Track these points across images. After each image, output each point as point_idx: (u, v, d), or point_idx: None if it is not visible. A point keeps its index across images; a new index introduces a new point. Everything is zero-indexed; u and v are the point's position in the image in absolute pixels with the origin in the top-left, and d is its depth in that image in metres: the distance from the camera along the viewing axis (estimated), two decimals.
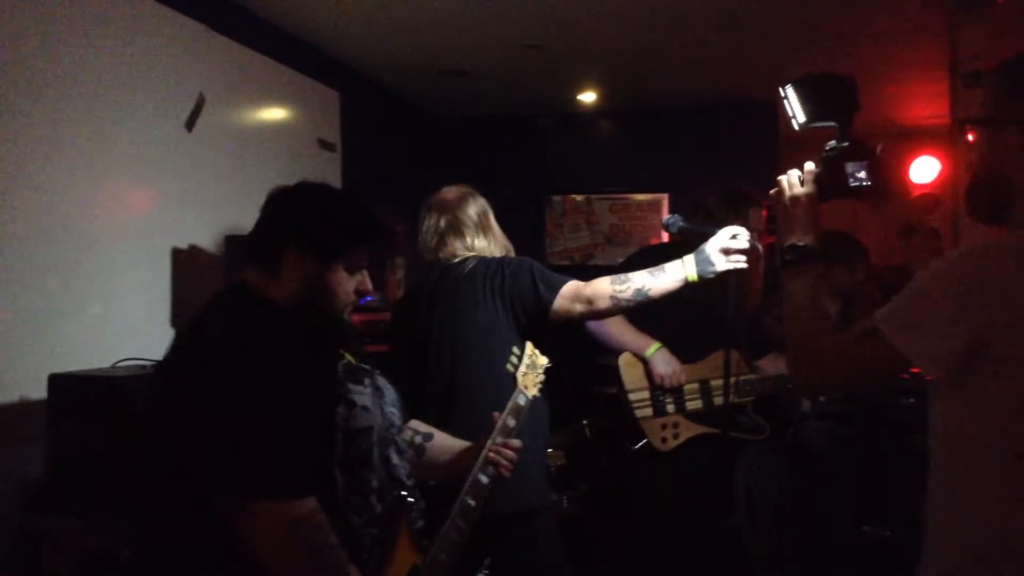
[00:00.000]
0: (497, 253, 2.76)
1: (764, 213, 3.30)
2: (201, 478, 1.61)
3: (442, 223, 2.75)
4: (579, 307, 2.52)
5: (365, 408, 1.86)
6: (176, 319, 3.53)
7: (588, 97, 6.13)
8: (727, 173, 5.23)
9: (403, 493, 1.89)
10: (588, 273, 3.20)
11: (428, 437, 2.19)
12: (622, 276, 2.49)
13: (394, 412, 2.00)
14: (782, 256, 1.71)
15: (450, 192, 2.84)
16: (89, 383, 2.74)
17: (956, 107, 4.12)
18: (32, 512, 2.67)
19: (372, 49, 4.96)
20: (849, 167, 1.76)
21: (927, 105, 5.79)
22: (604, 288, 2.48)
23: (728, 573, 2.98)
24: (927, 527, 1.57)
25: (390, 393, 2.01)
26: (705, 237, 2.47)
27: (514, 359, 2.21)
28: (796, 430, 3.21)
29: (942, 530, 1.55)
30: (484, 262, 2.66)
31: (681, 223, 2.67)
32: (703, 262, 2.42)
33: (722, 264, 2.40)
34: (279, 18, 4.39)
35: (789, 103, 1.88)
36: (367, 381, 1.93)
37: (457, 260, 2.70)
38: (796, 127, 1.88)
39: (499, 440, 2.08)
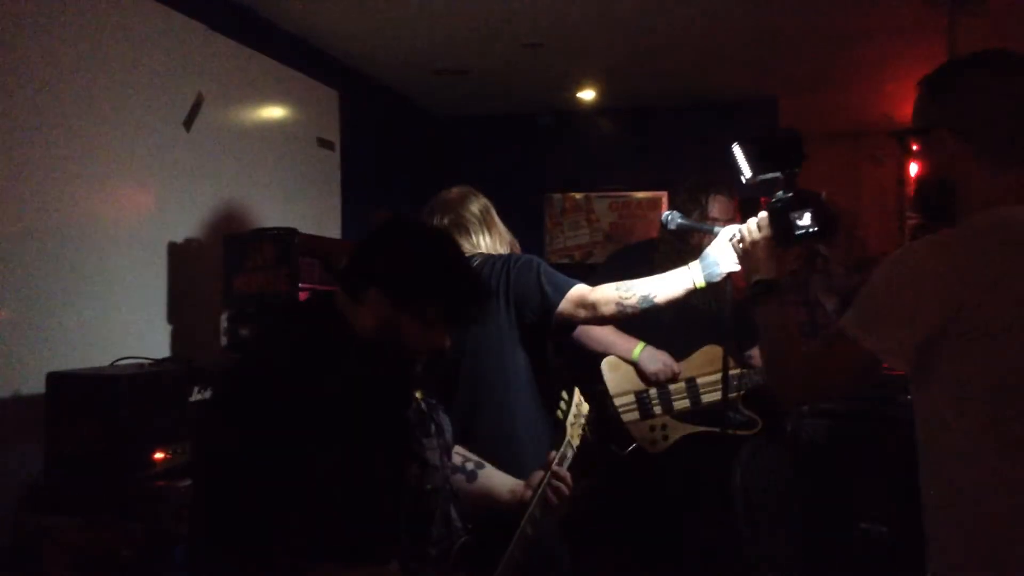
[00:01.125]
0: (503, 250, 2.75)
1: (735, 201, 3.32)
2: (284, 541, 1.55)
3: (445, 222, 2.75)
4: (583, 312, 2.49)
5: (435, 468, 1.85)
6: (173, 318, 3.53)
7: (587, 95, 6.12)
8: (726, 170, 5.22)
9: (464, 540, 1.90)
10: (588, 271, 3.21)
11: (480, 465, 2.18)
12: (627, 283, 2.46)
13: (449, 453, 2.00)
14: (750, 291, 1.92)
15: (451, 192, 2.85)
16: (87, 381, 2.74)
17: None
18: (31, 511, 2.67)
19: (371, 48, 4.96)
20: (792, 216, 1.93)
21: None
22: (610, 294, 2.45)
23: (726, 571, 2.99)
24: (925, 519, 1.59)
25: (448, 429, 2.00)
26: (702, 233, 2.47)
27: (563, 405, 2.21)
28: (794, 428, 3.21)
29: (938, 521, 1.58)
30: (490, 260, 2.65)
31: (680, 219, 2.65)
32: (710, 266, 2.39)
33: (728, 266, 2.37)
34: (278, 17, 4.38)
35: (736, 160, 2.04)
36: (432, 427, 1.92)
37: None
38: (744, 181, 2.06)
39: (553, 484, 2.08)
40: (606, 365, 3.35)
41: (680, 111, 6.29)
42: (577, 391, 2.26)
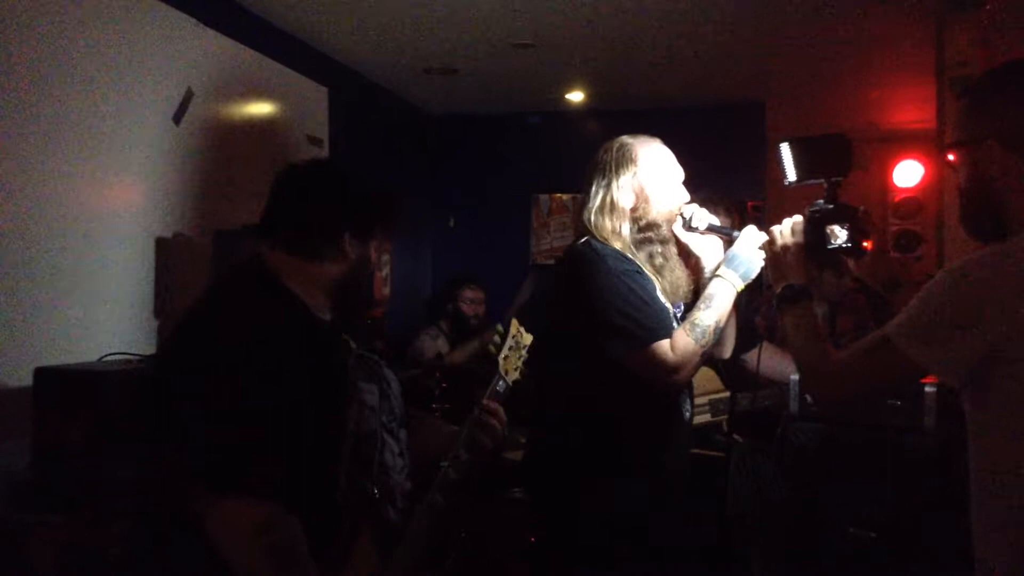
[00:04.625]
0: (612, 239, 2.30)
1: (735, 216, 3.26)
2: (180, 463, 1.58)
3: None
4: (658, 375, 2.16)
5: (372, 409, 1.85)
6: (161, 314, 3.51)
7: (576, 96, 6.14)
8: (714, 173, 5.23)
9: (369, 489, 1.85)
10: None
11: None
12: (691, 325, 2.17)
13: (398, 403, 1.98)
14: (779, 296, 1.90)
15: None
16: (75, 377, 2.72)
17: (942, 112, 4.15)
18: (16, 506, 2.65)
19: (362, 46, 4.94)
20: (830, 229, 1.91)
21: (913, 109, 5.82)
22: (691, 346, 2.15)
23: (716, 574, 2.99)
24: (974, 537, 1.58)
25: (396, 385, 1.98)
26: (729, 237, 2.31)
27: (497, 338, 2.05)
28: (784, 431, 3.21)
29: (986, 540, 1.56)
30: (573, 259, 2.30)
31: (710, 220, 2.34)
32: (744, 265, 2.20)
33: (759, 264, 2.20)
34: (269, 13, 4.36)
35: (782, 159, 1.99)
36: (375, 375, 1.91)
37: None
38: (786, 183, 2.01)
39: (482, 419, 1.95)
40: None
41: (668, 114, 6.30)
42: (515, 322, 2.04)
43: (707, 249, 2.33)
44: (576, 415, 2.24)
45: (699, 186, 3.23)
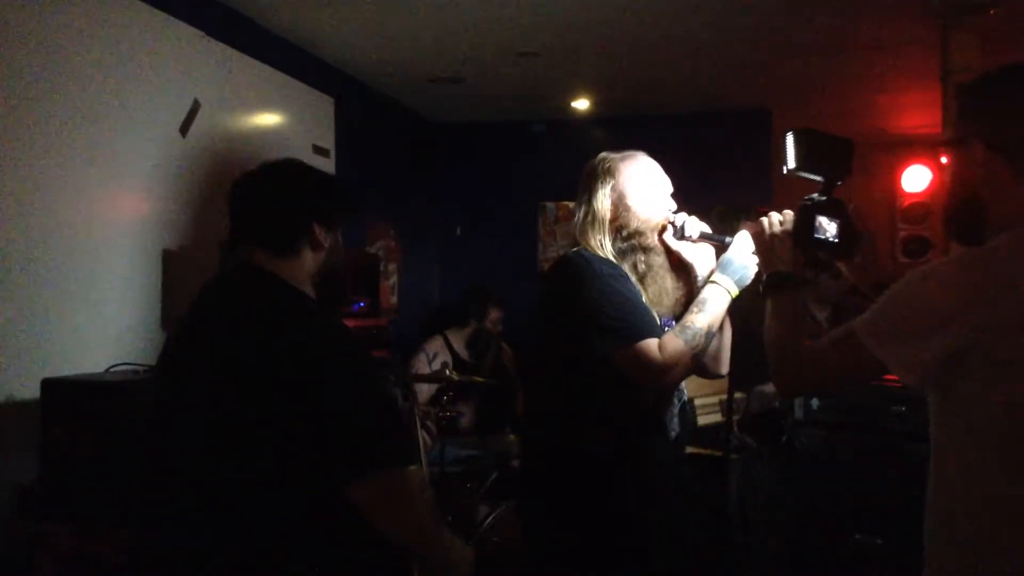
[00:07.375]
0: (599, 250, 2.29)
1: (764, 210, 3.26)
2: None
3: None
4: (644, 376, 2.14)
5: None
6: (168, 325, 3.52)
7: (582, 104, 6.15)
8: (719, 180, 5.24)
9: None
10: None
11: None
12: (683, 328, 2.17)
13: None
14: (764, 282, 1.93)
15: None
16: (82, 388, 2.73)
17: (948, 117, 4.14)
18: (25, 517, 2.66)
19: (367, 56, 4.97)
20: (819, 220, 1.93)
21: (919, 115, 5.81)
22: (681, 348, 2.14)
23: None
24: (928, 532, 1.58)
25: None
26: (722, 244, 2.32)
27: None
28: (789, 438, 3.22)
29: (937, 538, 1.56)
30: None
31: (701, 228, 2.31)
32: (738, 271, 2.20)
33: (754, 269, 2.19)
34: (275, 24, 4.39)
35: (785, 147, 2.00)
36: None
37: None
38: (784, 171, 2.00)
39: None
40: None
41: (673, 121, 6.30)
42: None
43: (700, 257, 2.32)
44: (566, 422, 2.26)
45: (719, 197, 3.23)
